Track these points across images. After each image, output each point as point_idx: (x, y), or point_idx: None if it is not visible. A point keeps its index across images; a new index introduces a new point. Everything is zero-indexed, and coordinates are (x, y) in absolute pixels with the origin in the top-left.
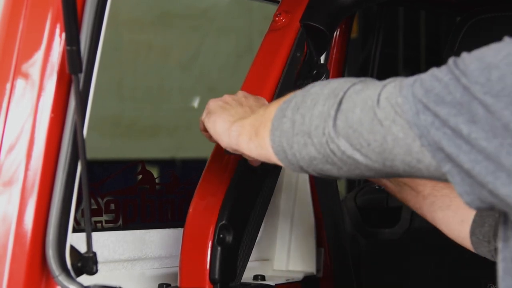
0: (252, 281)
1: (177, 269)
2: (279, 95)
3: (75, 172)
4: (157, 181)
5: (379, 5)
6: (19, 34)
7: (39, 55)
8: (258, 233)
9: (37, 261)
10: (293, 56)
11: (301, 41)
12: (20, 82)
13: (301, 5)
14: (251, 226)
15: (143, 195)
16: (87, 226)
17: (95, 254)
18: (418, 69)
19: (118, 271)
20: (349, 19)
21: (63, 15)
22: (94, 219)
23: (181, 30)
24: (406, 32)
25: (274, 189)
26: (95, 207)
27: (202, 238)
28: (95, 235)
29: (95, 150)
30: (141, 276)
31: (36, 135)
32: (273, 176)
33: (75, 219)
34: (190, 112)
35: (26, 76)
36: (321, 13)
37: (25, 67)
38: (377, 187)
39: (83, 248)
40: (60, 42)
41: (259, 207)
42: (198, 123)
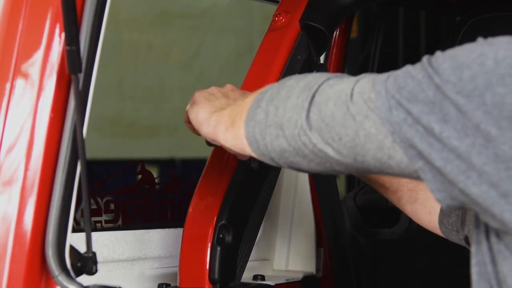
0: (251, 281)
1: (177, 269)
2: None
3: (74, 172)
4: (157, 181)
5: (379, 5)
6: (18, 34)
7: (38, 55)
8: (257, 233)
9: (36, 261)
10: (292, 56)
11: (301, 41)
12: (19, 82)
13: (300, 5)
14: (251, 226)
15: (143, 195)
16: (86, 226)
17: (94, 254)
18: None
19: (117, 271)
20: (349, 19)
21: (62, 14)
22: (94, 219)
23: (181, 29)
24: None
25: (274, 189)
26: (94, 207)
27: (202, 238)
28: (94, 235)
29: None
30: (141, 276)
31: (35, 135)
32: (272, 176)
33: (75, 219)
34: None
35: (25, 76)
36: (321, 13)
37: (24, 67)
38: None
39: (82, 248)
40: (60, 42)
41: (258, 207)
42: None
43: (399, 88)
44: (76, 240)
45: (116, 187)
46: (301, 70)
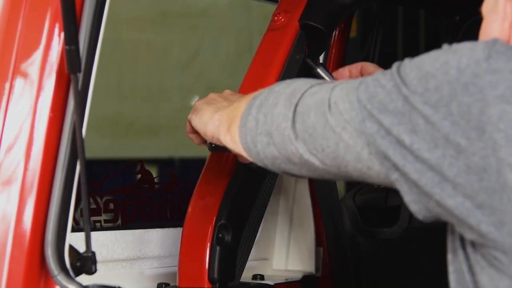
0: (251, 281)
1: (176, 268)
2: None
3: (74, 172)
4: (156, 180)
5: (378, 5)
6: (18, 33)
7: (38, 55)
8: (257, 232)
9: (36, 260)
10: (292, 55)
11: (300, 40)
12: (19, 82)
13: (300, 5)
14: (250, 226)
15: (142, 194)
16: (86, 226)
17: (94, 254)
18: None
19: (117, 270)
20: (348, 19)
21: (62, 14)
22: (93, 218)
23: (180, 29)
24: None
25: (273, 188)
26: (94, 206)
27: (201, 238)
28: (94, 234)
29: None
30: (140, 276)
31: (35, 135)
32: (272, 175)
33: (74, 218)
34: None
35: (25, 75)
36: (320, 13)
37: (24, 66)
38: (376, 186)
39: (82, 248)
40: (59, 42)
41: (258, 206)
42: None
43: (370, 97)
44: (75, 240)
45: (115, 187)
46: (300, 69)
